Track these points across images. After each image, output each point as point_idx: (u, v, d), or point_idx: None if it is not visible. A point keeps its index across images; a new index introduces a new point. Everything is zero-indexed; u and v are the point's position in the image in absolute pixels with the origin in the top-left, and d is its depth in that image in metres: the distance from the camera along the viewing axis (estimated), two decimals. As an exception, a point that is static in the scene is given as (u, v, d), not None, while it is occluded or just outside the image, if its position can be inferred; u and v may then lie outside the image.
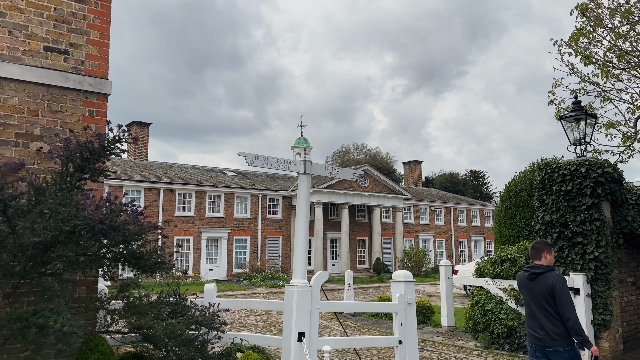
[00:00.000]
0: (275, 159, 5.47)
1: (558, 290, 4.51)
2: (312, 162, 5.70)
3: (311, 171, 5.65)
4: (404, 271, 6.51)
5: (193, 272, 27.13)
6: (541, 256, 4.80)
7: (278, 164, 5.48)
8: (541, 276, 4.69)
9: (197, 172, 30.79)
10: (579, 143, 9.12)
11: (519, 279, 5.01)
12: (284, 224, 31.56)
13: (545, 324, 4.57)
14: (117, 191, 25.28)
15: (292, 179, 35.24)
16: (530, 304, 4.78)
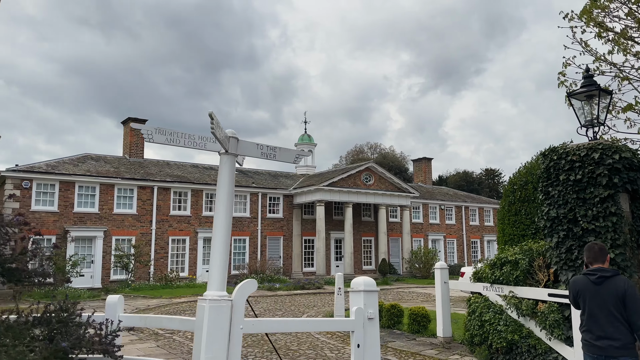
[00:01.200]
0: (185, 135, 4.25)
1: (630, 296, 4.18)
2: (238, 140, 4.45)
3: (236, 150, 4.41)
4: (365, 278, 5.22)
5: (189, 274, 26.08)
6: (605, 259, 4.49)
7: (189, 141, 4.26)
8: (610, 280, 4.33)
9: (195, 170, 29.76)
10: (590, 125, 7.72)
11: (578, 283, 4.58)
12: (285, 223, 30.35)
13: (611, 332, 4.22)
14: (109, 190, 24.37)
15: (294, 176, 34.03)
16: (593, 311, 4.37)
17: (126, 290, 21.94)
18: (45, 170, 22.93)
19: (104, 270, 23.68)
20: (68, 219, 23.13)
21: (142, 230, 25.03)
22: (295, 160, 4.77)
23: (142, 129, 4.02)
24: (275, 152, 4.67)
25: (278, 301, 19.24)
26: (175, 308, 17.30)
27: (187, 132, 4.21)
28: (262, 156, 4.59)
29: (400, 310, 12.60)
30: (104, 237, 23.87)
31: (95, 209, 23.99)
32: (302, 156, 4.83)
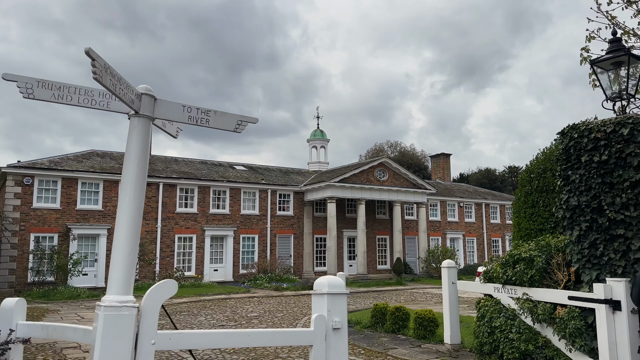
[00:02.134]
0: (80, 90, 3.26)
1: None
2: (155, 99, 3.46)
3: (152, 112, 3.42)
4: (331, 278, 4.16)
5: (195, 273, 25.34)
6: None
7: (86, 99, 3.29)
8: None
9: (203, 166, 29.03)
10: (618, 97, 6.53)
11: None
12: (296, 221, 29.38)
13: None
14: (113, 186, 23.78)
15: (306, 173, 33.05)
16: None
17: (128, 290, 21.24)
18: (47, 167, 22.44)
19: (107, 269, 23.00)
20: (71, 217, 22.60)
21: (147, 228, 24.38)
22: (237, 127, 3.75)
23: (17, 82, 3.06)
24: (208, 117, 3.67)
25: (282, 302, 18.28)
26: (173, 309, 16.49)
27: (85, 87, 3.23)
28: (190, 121, 3.60)
29: (406, 313, 11.48)
30: (107, 235, 23.28)
31: (99, 206, 23.42)
32: (246, 123, 3.80)
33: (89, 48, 2.70)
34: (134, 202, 3.30)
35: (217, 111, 3.67)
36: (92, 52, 2.76)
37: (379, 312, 12.07)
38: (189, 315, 14.86)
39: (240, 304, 17.51)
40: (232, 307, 16.73)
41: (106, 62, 2.93)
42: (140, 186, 3.34)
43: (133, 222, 3.31)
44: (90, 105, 3.30)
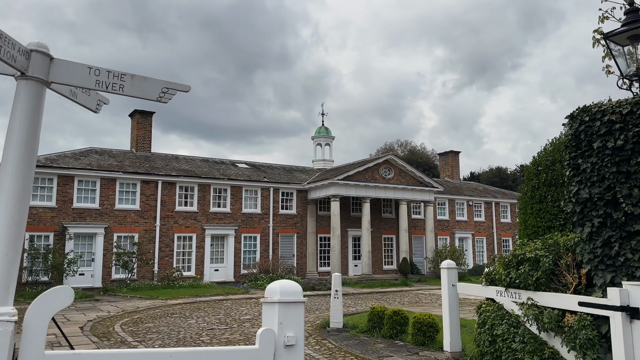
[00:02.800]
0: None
1: None
2: (52, 58, 2.76)
3: (47, 75, 2.72)
4: (283, 282, 3.44)
5: (195, 273, 24.74)
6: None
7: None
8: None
9: (204, 164, 28.43)
10: (636, 75, 5.71)
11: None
12: (299, 220, 28.67)
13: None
14: (111, 184, 23.26)
15: (310, 171, 32.33)
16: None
17: (124, 291, 20.73)
18: (43, 164, 21.97)
19: (105, 269, 22.57)
20: (67, 215, 22.11)
21: (145, 227, 23.84)
22: (162, 97, 3.04)
23: None
24: (123, 82, 2.96)
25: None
26: (165, 311, 15.87)
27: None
28: (98, 86, 2.89)
29: (404, 317, 10.71)
30: (104, 234, 22.77)
31: (96, 204, 22.92)
32: (174, 91, 3.08)
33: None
34: (17, 185, 2.60)
35: (135, 75, 2.96)
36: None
37: (376, 316, 11.32)
38: (180, 317, 14.22)
39: (236, 306, 16.85)
40: (228, 309, 16.08)
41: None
42: (27, 167, 2.63)
43: (14, 210, 2.61)
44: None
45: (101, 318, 13.97)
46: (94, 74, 2.88)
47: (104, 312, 15.13)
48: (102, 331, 11.83)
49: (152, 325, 12.83)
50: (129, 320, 13.59)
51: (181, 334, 11.44)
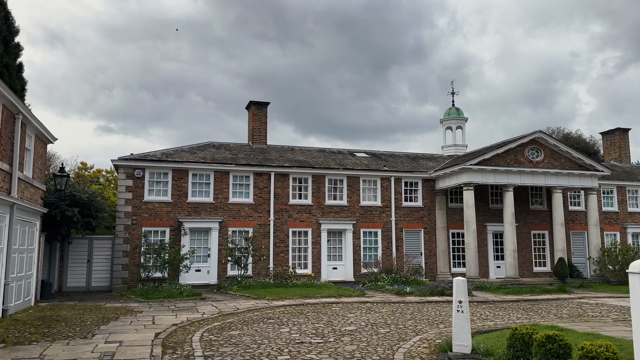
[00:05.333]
0: None
1: None
2: None
3: None
4: None
5: (312, 271, 22.76)
6: None
7: None
8: None
9: (320, 154, 26.41)
10: None
11: None
12: (426, 213, 25.15)
13: None
14: (224, 177, 22.35)
15: (439, 158, 28.52)
16: None
17: (234, 289, 19.46)
18: (158, 158, 21.81)
19: (220, 265, 21.67)
20: (182, 210, 21.65)
21: (259, 221, 22.52)
22: None
23: None
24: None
25: (397, 311, 14.55)
26: (263, 314, 13.89)
27: None
28: None
29: (565, 346, 7.01)
30: (219, 229, 21.90)
31: (210, 198, 22.16)
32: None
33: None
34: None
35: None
36: None
37: (520, 341, 7.80)
38: (274, 324, 12.06)
39: (344, 312, 14.25)
40: (332, 315, 13.55)
41: None
42: None
43: None
44: None
45: (190, 322, 12.41)
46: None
47: (197, 314, 13.65)
48: (176, 340, 10.08)
49: (237, 333, 10.81)
50: (217, 326, 11.78)
51: (260, 349, 9.15)
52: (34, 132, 14.77)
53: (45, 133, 15.55)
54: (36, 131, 14.98)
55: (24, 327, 11.09)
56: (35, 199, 15.17)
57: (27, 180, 14.08)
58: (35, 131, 14.93)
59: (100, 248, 21.52)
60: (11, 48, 19.77)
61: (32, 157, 14.74)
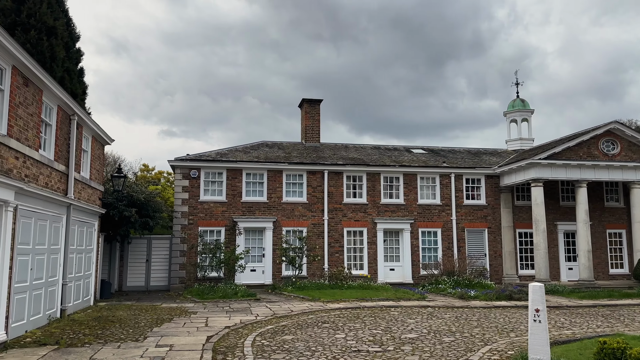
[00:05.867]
0: None
1: None
2: None
3: None
4: None
5: (368, 272, 22.00)
6: None
7: None
8: None
9: (375, 151, 25.56)
10: None
11: None
12: (490, 211, 23.70)
13: None
14: (277, 176, 22.03)
15: (503, 153, 26.89)
16: None
17: (289, 289, 19.05)
18: (212, 158, 21.80)
19: (274, 265, 21.36)
20: (236, 209, 21.52)
21: (313, 220, 22.01)
22: None
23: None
24: None
25: (462, 317, 13.53)
26: (318, 318, 13.31)
27: None
28: None
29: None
30: (273, 229, 21.59)
31: (264, 197, 21.90)
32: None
33: None
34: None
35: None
36: None
37: (611, 357, 6.76)
38: (329, 329, 11.44)
39: (403, 317, 13.41)
40: (391, 320, 12.75)
41: None
42: None
43: None
44: None
45: (243, 324, 12.03)
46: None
47: (251, 316, 13.27)
48: (227, 344, 9.68)
49: (290, 338, 10.28)
50: (270, 330, 11.32)
51: (314, 357, 8.55)
52: (90, 133, 14.96)
53: (102, 134, 15.75)
54: (93, 133, 15.18)
55: (79, 327, 11.10)
56: (93, 199, 15.39)
57: (84, 181, 14.26)
58: (92, 133, 15.13)
59: (159, 247, 21.81)
60: (72, 53, 20.34)
61: (89, 158, 14.95)
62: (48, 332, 10.28)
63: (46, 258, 11.20)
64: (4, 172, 8.88)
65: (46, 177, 11.15)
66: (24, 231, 9.90)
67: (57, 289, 12.02)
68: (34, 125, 10.31)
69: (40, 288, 10.88)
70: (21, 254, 9.80)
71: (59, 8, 19.52)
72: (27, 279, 10.15)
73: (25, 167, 9.93)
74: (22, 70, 9.57)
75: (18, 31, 17.59)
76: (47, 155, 11.35)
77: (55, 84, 10.99)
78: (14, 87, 9.23)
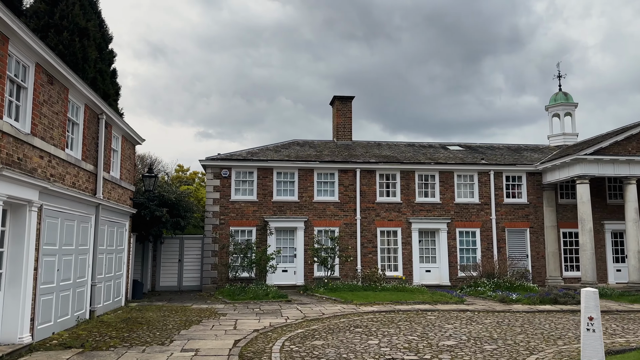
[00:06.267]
0: None
1: None
2: None
3: None
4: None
5: (403, 274, 21.28)
6: None
7: None
8: None
9: (409, 149, 24.78)
10: None
11: None
12: (532, 210, 22.56)
13: None
14: (308, 175, 21.60)
15: (545, 150, 25.62)
16: None
17: (320, 291, 18.57)
18: (243, 157, 21.56)
19: (306, 266, 20.93)
20: (267, 209, 21.21)
21: (345, 220, 21.47)
22: None
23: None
24: None
25: (504, 322, 12.71)
26: (350, 322, 12.77)
27: None
28: None
29: None
30: (304, 229, 21.17)
31: (295, 197, 21.50)
32: None
33: None
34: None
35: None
36: None
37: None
38: (361, 334, 10.89)
39: (440, 322, 12.71)
40: (428, 326, 12.08)
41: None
42: None
43: None
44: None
45: (272, 327, 11.62)
46: None
47: (281, 319, 12.86)
48: (255, 349, 9.27)
49: (321, 344, 9.79)
50: (300, 334, 10.86)
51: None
52: (120, 133, 14.89)
53: (132, 134, 15.67)
54: (122, 132, 15.10)
55: (107, 329, 10.93)
56: (123, 199, 15.33)
57: (114, 181, 14.18)
58: (122, 132, 15.06)
59: (191, 247, 21.74)
60: (105, 54, 20.48)
61: (119, 158, 14.87)
62: (75, 334, 10.13)
63: (74, 259, 11.09)
64: (27, 172, 8.74)
65: (73, 176, 11.03)
66: (50, 231, 9.78)
67: (86, 290, 11.92)
68: (59, 124, 10.18)
69: (67, 289, 10.77)
70: (47, 254, 9.67)
71: (91, 10, 19.68)
72: (54, 280, 10.02)
73: (51, 166, 9.79)
74: (46, 68, 9.43)
75: (51, 33, 17.80)
76: (74, 154, 11.24)
77: (81, 82, 10.85)
78: (37, 85, 9.09)
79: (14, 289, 8.44)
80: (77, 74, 17.89)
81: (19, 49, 8.40)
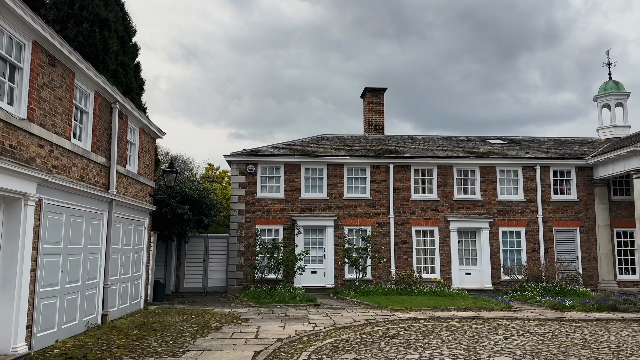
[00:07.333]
0: None
1: None
2: None
3: None
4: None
5: (441, 277, 19.80)
6: None
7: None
8: None
9: (446, 143, 23.22)
10: None
11: None
12: (582, 208, 20.70)
13: None
14: (338, 171, 20.38)
15: (594, 143, 23.62)
16: None
17: (352, 294, 17.32)
18: (270, 153, 20.52)
19: (336, 267, 19.71)
20: (295, 207, 20.09)
21: (377, 219, 20.14)
22: None
23: None
24: None
25: (560, 333, 11.15)
26: (385, 330, 11.46)
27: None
28: None
29: None
30: (334, 227, 19.95)
31: (324, 194, 20.31)
32: None
33: None
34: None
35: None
36: None
37: None
38: (399, 345, 9.59)
39: (488, 332, 11.26)
40: (474, 336, 10.67)
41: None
42: None
43: None
44: None
45: (298, 336, 10.45)
46: None
47: (308, 326, 11.68)
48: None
49: (352, 358, 8.55)
50: (329, 345, 9.64)
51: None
52: (137, 124, 14.01)
53: (151, 126, 14.80)
54: (140, 124, 14.23)
55: (116, 337, 9.98)
56: (142, 195, 14.45)
57: (130, 175, 13.30)
58: (140, 124, 14.19)
59: (216, 247, 20.85)
60: (128, 48, 19.78)
61: (137, 151, 14.00)
62: (81, 343, 9.21)
63: (82, 259, 10.19)
64: (23, 161, 7.83)
65: (81, 169, 10.13)
66: (52, 228, 8.87)
67: (97, 292, 11.02)
68: (63, 110, 9.28)
69: (75, 292, 9.86)
70: (48, 254, 8.76)
71: (114, 1, 19.01)
72: (58, 282, 9.12)
73: (53, 156, 8.89)
74: (45, 47, 8.52)
75: (70, 24, 17.15)
76: (83, 145, 10.35)
77: (89, 66, 9.94)
78: (35, 66, 8.18)
79: (6, 293, 7.52)
80: (97, 66, 17.17)
81: (10, 23, 7.49)
